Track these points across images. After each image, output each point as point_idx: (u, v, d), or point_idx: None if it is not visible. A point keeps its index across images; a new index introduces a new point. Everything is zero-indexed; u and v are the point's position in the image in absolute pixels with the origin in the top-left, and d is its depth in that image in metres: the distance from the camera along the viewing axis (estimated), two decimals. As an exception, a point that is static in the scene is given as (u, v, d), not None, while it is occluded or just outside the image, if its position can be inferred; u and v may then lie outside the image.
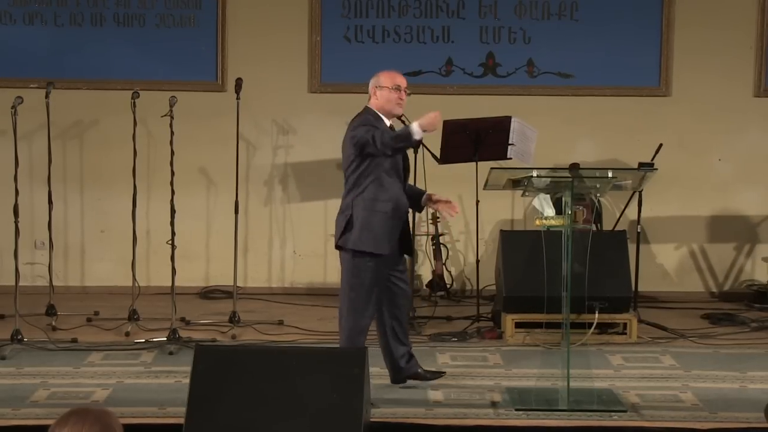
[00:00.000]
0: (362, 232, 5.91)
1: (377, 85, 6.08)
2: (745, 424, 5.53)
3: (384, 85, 6.05)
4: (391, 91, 6.04)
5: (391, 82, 6.05)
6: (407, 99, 6.09)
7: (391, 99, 6.04)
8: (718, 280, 9.16)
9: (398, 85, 6.05)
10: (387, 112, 6.07)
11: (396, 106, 6.06)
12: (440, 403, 5.91)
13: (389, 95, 6.04)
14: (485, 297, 8.32)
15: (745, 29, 8.97)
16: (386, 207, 5.93)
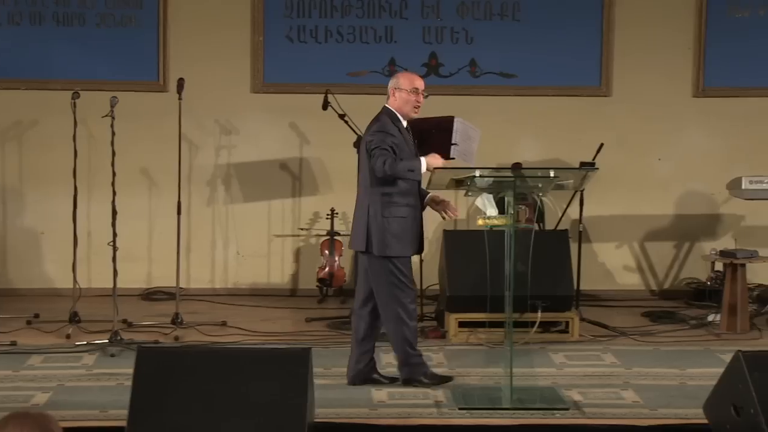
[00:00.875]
0: (392, 239, 6.05)
1: (396, 86, 6.21)
2: (684, 421, 5.59)
3: (402, 87, 6.18)
4: (409, 93, 6.18)
5: (410, 85, 6.17)
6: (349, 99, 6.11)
7: (409, 101, 6.17)
8: (658, 279, 9.26)
9: (416, 87, 6.19)
10: (404, 113, 6.21)
11: (413, 108, 6.20)
12: (384, 403, 5.92)
13: (407, 97, 6.18)
14: (429, 297, 8.34)
15: (683, 31, 9.07)
16: (407, 212, 6.09)
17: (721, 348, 7.14)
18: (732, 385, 5.11)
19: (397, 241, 6.08)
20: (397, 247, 6.08)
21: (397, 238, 6.08)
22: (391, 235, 6.08)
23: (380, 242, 6.07)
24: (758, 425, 4.85)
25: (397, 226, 6.08)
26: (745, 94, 9.09)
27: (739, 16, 9.06)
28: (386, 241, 6.07)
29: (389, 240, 6.08)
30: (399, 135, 6.13)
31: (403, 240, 6.10)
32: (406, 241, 6.11)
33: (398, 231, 6.08)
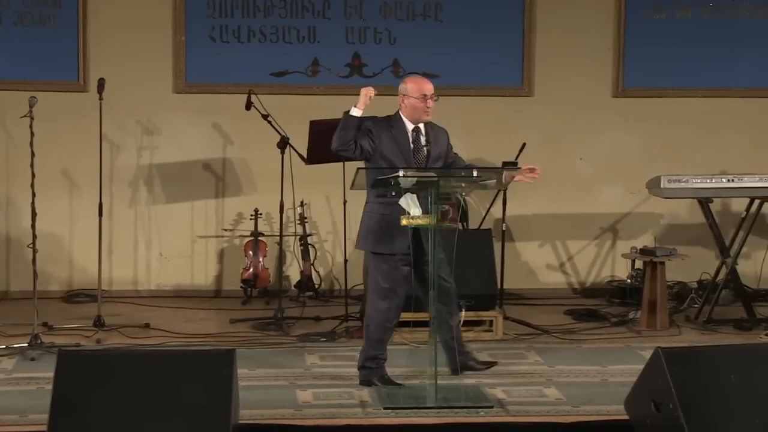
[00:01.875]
0: (368, 234, 6.19)
1: (404, 93, 6.30)
2: (606, 417, 5.66)
3: (410, 95, 6.27)
4: (417, 100, 6.24)
5: (418, 92, 6.26)
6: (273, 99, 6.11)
7: (418, 107, 6.26)
8: (580, 277, 9.36)
9: (424, 94, 6.24)
10: (415, 119, 6.29)
11: (423, 114, 6.27)
12: (309, 403, 5.91)
13: (415, 104, 6.26)
14: (354, 296, 8.34)
15: (603, 32, 9.18)
16: (386, 209, 6.11)
17: (642, 345, 7.25)
18: (652, 381, 5.19)
19: (371, 236, 6.16)
20: (372, 242, 6.17)
21: (373, 233, 6.16)
22: (369, 230, 6.18)
23: (363, 236, 6.20)
24: (677, 420, 4.94)
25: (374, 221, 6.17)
26: (664, 94, 9.22)
27: (657, 17, 9.19)
28: (364, 236, 6.19)
29: (366, 235, 6.19)
30: (388, 135, 6.21)
31: (378, 236, 6.15)
32: (383, 238, 6.14)
33: (374, 226, 6.16)
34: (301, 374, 6.53)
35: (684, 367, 5.11)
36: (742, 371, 5.19)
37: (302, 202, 8.81)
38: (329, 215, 9.03)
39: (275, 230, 8.59)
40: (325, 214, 9.07)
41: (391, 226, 6.10)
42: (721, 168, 8.78)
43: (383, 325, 6.28)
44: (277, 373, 6.52)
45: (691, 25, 9.19)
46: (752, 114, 9.28)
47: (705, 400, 5.05)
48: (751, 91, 9.24)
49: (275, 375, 6.48)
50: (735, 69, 9.22)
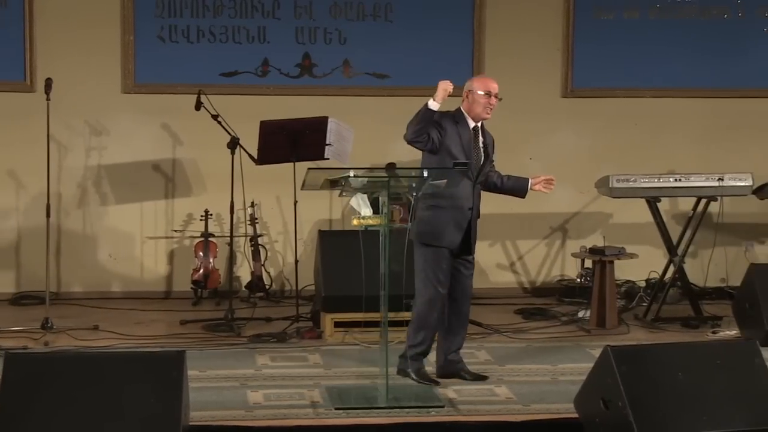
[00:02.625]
0: (423, 225, 6.27)
1: (470, 89, 6.38)
2: (556, 416, 5.70)
3: (476, 90, 6.34)
4: (481, 95, 6.32)
5: (484, 88, 6.34)
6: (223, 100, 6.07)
7: (480, 103, 6.33)
8: (530, 276, 9.41)
9: (489, 91, 6.34)
10: (476, 115, 6.38)
11: (483, 110, 6.36)
12: (260, 404, 5.89)
13: (479, 99, 6.34)
14: (304, 297, 8.33)
15: (552, 33, 9.24)
16: (443, 203, 6.23)
17: (591, 343, 7.30)
18: (601, 379, 5.23)
19: (426, 227, 6.25)
20: (425, 234, 6.25)
21: (428, 225, 6.25)
22: (423, 222, 6.26)
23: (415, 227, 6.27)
24: (626, 418, 4.98)
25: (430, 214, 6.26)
26: (612, 94, 9.30)
27: (605, 18, 9.27)
28: (418, 227, 6.27)
29: (420, 226, 6.26)
30: (453, 130, 6.30)
31: (434, 228, 6.24)
32: (437, 230, 6.24)
33: (429, 218, 6.26)
34: (252, 375, 6.51)
35: (632, 366, 5.16)
36: (690, 369, 5.25)
37: (253, 202, 8.78)
38: (280, 216, 9.02)
39: (225, 231, 8.55)
40: (275, 214, 9.05)
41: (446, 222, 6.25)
42: (668, 168, 8.88)
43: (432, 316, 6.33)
44: (227, 374, 6.50)
45: (639, 25, 9.27)
46: (699, 114, 9.38)
47: (653, 397, 5.10)
48: (697, 91, 9.34)
49: (226, 376, 6.45)
50: (682, 69, 9.31)
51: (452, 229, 6.29)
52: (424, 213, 6.30)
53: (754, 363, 5.37)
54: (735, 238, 9.38)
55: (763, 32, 9.35)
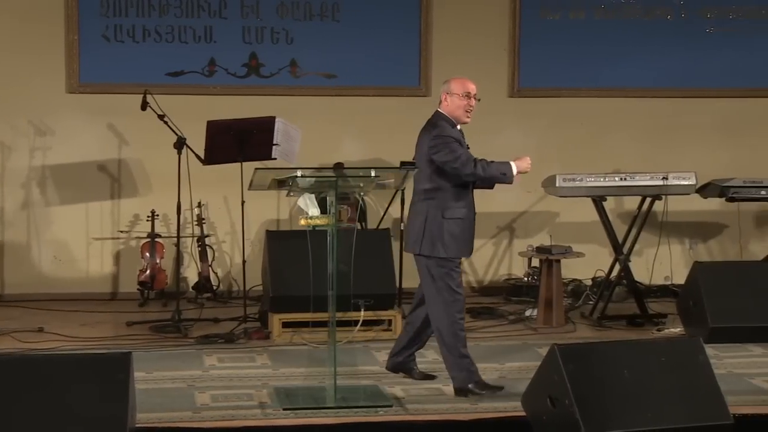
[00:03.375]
0: (451, 240, 6.03)
1: (447, 91, 6.19)
2: (503, 414, 5.72)
3: (454, 92, 6.16)
4: (461, 98, 6.16)
5: (462, 89, 6.15)
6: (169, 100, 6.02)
7: (461, 106, 6.16)
8: (478, 275, 9.44)
9: (468, 92, 6.16)
10: (456, 118, 6.18)
11: (464, 113, 6.18)
12: (207, 405, 5.86)
13: (459, 102, 6.17)
14: (252, 298, 8.31)
15: (498, 33, 9.28)
16: (463, 213, 6.08)
17: (539, 342, 7.35)
18: (548, 377, 5.26)
19: (453, 241, 6.07)
20: (453, 248, 6.07)
21: (454, 238, 6.07)
22: (449, 236, 6.06)
23: (434, 243, 6.06)
24: (572, 415, 5.02)
25: (455, 228, 6.08)
26: (558, 94, 9.36)
27: (551, 18, 9.33)
28: (443, 242, 6.06)
29: (446, 240, 6.06)
30: (459, 137, 6.14)
31: (458, 241, 6.09)
32: (461, 243, 6.10)
33: (456, 232, 6.07)
34: (200, 376, 6.47)
35: (579, 363, 5.19)
36: (635, 366, 5.29)
37: (200, 202, 8.74)
38: (227, 216, 8.98)
39: (172, 231, 8.50)
40: (223, 214, 9.02)
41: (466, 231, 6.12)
42: (614, 167, 8.95)
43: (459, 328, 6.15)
44: (174, 375, 6.46)
45: (584, 25, 9.35)
46: (643, 113, 9.48)
47: (599, 394, 5.14)
48: (642, 91, 9.43)
49: (173, 377, 6.42)
50: (627, 69, 9.40)
51: (472, 238, 6.19)
52: (449, 225, 6.07)
53: (698, 360, 5.43)
54: (679, 236, 9.48)
55: (705, 33, 9.46)
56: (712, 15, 9.45)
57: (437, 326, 6.15)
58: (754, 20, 9.49)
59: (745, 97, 9.51)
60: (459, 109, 6.17)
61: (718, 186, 8.44)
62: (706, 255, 9.59)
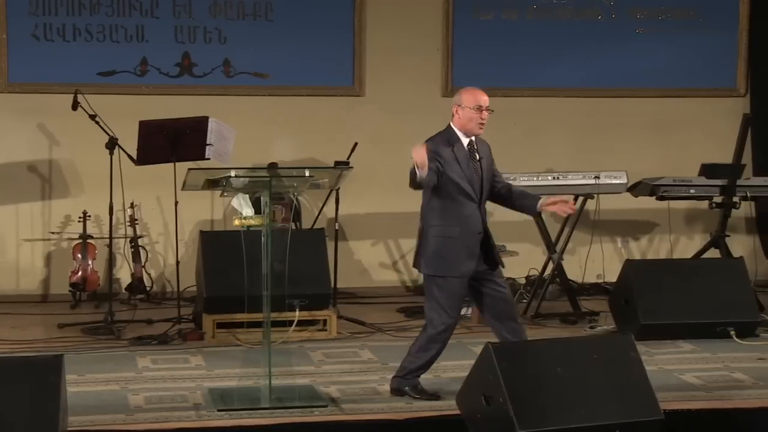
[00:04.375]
0: (434, 257, 5.97)
1: (458, 104, 6.08)
2: (438, 413, 5.75)
3: (465, 105, 6.05)
4: (472, 111, 6.04)
5: (474, 102, 6.04)
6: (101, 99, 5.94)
7: (473, 119, 6.05)
8: (413, 275, 9.46)
9: (480, 105, 6.05)
10: (468, 131, 6.07)
11: (476, 126, 6.06)
12: (141, 407, 5.82)
13: (470, 115, 6.04)
14: (186, 298, 8.26)
15: (432, 32, 9.31)
16: (452, 232, 5.94)
17: (473, 340, 7.38)
18: (482, 375, 5.30)
19: (438, 259, 5.97)
20: (444, 267, 5.97)
21: (439, 256, 5.97)
22: (434, 253, 5.98)
23: (429, 263, 6.01)
24: (506, 413, 5.06)
25: (439, 245, 5.97)
26: (492, 93, 8.64)
27: (484, 18, 9.38)
28: (428, 259, 6.00)
29: (430, 258, 5.99)
30: (451, 156, 5.98)
31: (446, 259, 5.96)
32: (449, 261, 5.96)
33: (440, 249, 5.97)
34: (133, 378, 6.42)
35: (513, 361, 5.24)
36: (568, 363, 5.35)
37: (132, 203, 8.66)
38: (161, 216, 8.91)
39: (105, 232, 8.42)
40: (156, 215, 8.95)
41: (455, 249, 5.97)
42: (546, 166, 9.03)
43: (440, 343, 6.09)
44: (107, 377, 6.41)
45: (517, 26, 9.41)
46: (575, 113, 9.56)
47: (533, 392, 5.18)
48: (574, 91, 9.51)
49: (106, 380, 6.36)
50: (559, 69, 9.48)
51: (464, 258, 6.00)
52: (434, 243, 6.01)
53: (630, 356, 5.50)
54: (611, 234, 9.59)
55: (635, 33, 9.57)
56: (641, 16, 9.56)
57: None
58: (682, 21, 9.62)
59: (674, 97, 9.64)
60: (471, 122, 6.07)
61: (649, 185, 8.54)
62: (638, 253, 9.71)
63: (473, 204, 6.03)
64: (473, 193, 6.03)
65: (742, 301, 7.60)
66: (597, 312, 8.20)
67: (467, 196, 6.01)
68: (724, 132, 9.33)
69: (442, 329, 6.05)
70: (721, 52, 9.70)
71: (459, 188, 5.99)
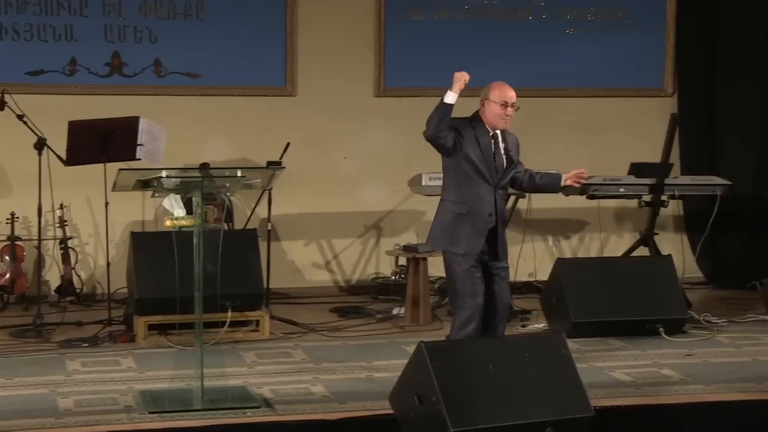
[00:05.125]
0: (439, 232, 6.19)
1: (486, 97, 6.22)
2: (371, 412, 5.76)
3: (492, 99, 6.19)
4: (497, 106, 6.16)
5: (500, 98, 6.17)
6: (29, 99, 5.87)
7: (497, 113, 6.17)
8: (345, 275, 9.47)
9: (506, 101, 6.16)
10: (492, 125, 6.21)
11: (501, 120, 6.19)
12: (71, 411, 5.76)
13: (495, 110, 6.17)
14: (117, 300, 8.17)
15: (364, 32, 9.33)
16: (462, 209, 6.11)
17: (406, 340, 7.41)
18: (415, 374, 5.32)
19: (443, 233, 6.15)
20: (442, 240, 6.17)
21: (444, 230, 6.14)
22: (441, 229, 6.17)
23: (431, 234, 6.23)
24: (439, 412, 5.08)
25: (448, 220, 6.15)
26: (423, 93, 9.35)
27: (416, 18, 9.41)
28: (433, 234, 6.21)
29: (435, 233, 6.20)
30: (471, 135, 6.14)
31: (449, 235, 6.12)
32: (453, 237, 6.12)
33: (447, 225, 6.15)
34: (63, 381, 6.35)
35: (445, 360, 5.26)
36: (501, 362, 5.38)
37: (62, 204, 8.56)
38: (91, 218, 8.82)
39: (33, 234, 8.32)
40: (86, 216, 8.85)
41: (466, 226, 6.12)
42: (478, 165, 9.06)
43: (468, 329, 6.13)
44: (36, 381, 6.32)
45: (448, 26, 9.46)
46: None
47: (466, 391, 5.21)
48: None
49: (35, 383, 6.28)
50: (490, 69, 9.47)
51: (472, 235, 6.10)
52: (443, 218, 6.19)
53: (561, 354, 5.55)
54: (542, 233, 9.67)
55: (565, 33, 9.67)
56: (571, 16, 9.66)
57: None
58: (611, 21, 9.73)
59: (603, 97, 9.75)
60: (495, 117, 6.20)
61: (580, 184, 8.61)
62: (569, 252, 9.81)
63: (488, 186, 6.18)
64: (489, 175, 6.17)
65: (670, 299, 7.71)
66: (529, 310, 8.27)
67: (482, 177, 6.17)
68: (652, 131, 9.45)
69: (467, 316, 6.13)
70: (649, 52, 9.83)
71: (474, 167, 6.15)
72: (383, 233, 9.50)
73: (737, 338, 7.58)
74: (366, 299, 8.96)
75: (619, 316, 7.55)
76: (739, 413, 5.98)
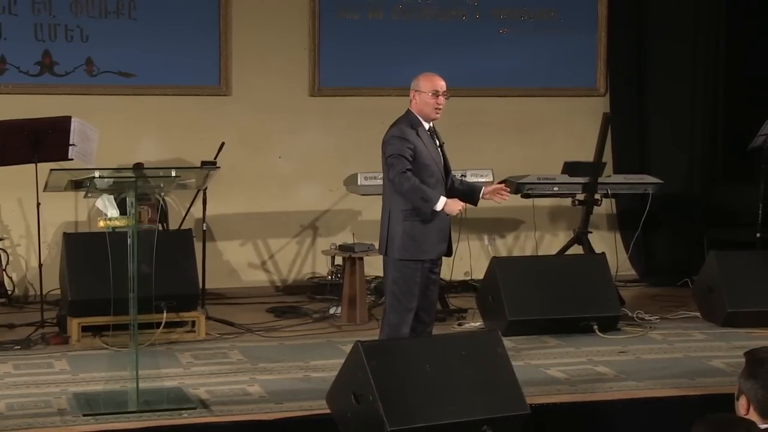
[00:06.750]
0: (407, 241, 6.01)
1: (416, 89, 6.16)
2: (309, 412, 5.76)
3: (422, 90, 6.09)
4: (429, 96, 6.09)
5: (430, 87, 6.10)
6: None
7: (429, 103, 6.11)
8: (282, 275, 9.45)
9: (437, 90, 6.10)
10: (425, 116, 6.10)
11: (433, 111, 6.13)
12: (3, 414, 5.68)
13: (427, 100, 6.11)
14: (50, 302, 8.07)
15: (298, 32, 9.30)
16: (426, 214, 6.01)
17: (342, 339, 7.41)
18: (352, 374, 5.33)
19: (411, 243, 6.02)
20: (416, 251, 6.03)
21: (412, 240, 6.01)
22: (407, 237, 6.01)
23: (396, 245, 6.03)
24: (376, 411, 5.09)
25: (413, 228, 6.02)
26: (359, 93, 9.45)
27: (350, 18, 9.41)
28: (400, 244, 6.03)
29: (401, 242, 6.02)
30: (418, 140, 6.04)
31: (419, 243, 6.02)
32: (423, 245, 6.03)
33: (413, 233, 6.01)
34: (-6, 385, 6.27)
35: (382, 360, 5.28)
36: (437, 360, 5.42)
37: (-8, 205, 8.46)
38: (22, 218, 8.70)
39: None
40: (17, 217, 8.74)
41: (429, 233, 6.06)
42: (413, 165, 9.09)
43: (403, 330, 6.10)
44: (-33, 385, 6.24)
45: (383, 25, 9.47)
46: (442, 112, 9.63)
47: (402, 390, 5.23)
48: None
49: (-35, 388, 6.20)
50: (425, 68, 9.46)
51: (436, 240, 6.10)
52: (405, 227, 6.04)
53: (497, 352, 5.60)
54: (478, 232, 9.72)
55: (498, 33, 9.72)
56: (504, 16, 9.71)
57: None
58: (544, 22, 9.81)
59: (536, 96, 9.82)
60: (428, 107, 6.15)
61: (514, 182, 8.69)
62: (504, 250, 9.88)
63: (442, 187, 6.14)
64: (441, 176, 6.15)
65: (604, 296, 7.80)
66: (465, 309, 8.31)
67: (437, 179, 6.13)
68: (585, 130, 9.55)
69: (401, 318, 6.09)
70: (581, 52, 9.93)
71: (430, 171, 6.11)
72: (319, 233, 9.49)
73: (669, 335, 7.69)
74: (302, 299, 8.95)
75: (554, 314, 7.61)
76: (672, 409, 6.06)
